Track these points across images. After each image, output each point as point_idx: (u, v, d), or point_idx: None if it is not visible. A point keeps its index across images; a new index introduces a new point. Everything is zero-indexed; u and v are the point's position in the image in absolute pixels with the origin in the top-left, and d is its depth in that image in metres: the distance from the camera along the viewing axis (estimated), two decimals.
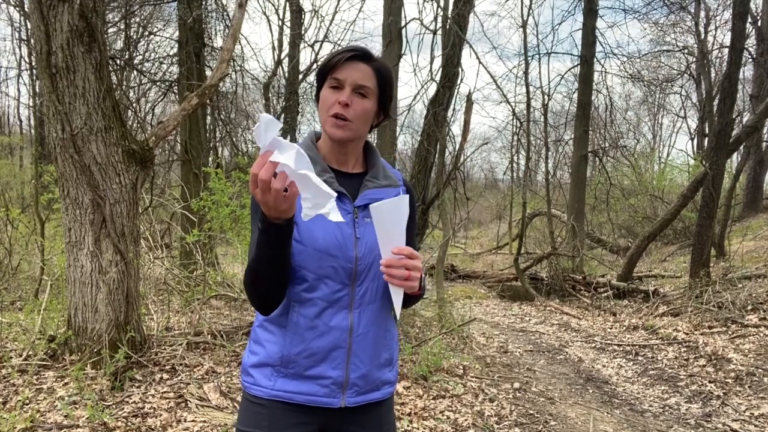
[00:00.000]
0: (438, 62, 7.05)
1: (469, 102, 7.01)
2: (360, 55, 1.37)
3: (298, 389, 1.38)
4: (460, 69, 6.58)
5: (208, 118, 11.11)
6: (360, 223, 1.39)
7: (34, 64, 11.16)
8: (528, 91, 11.99)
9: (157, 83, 10.59)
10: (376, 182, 1.44)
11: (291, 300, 1.37)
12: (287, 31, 13.45)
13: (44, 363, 3.77)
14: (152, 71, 11.12)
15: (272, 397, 1.39)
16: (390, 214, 1.25)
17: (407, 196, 1.28)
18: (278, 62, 13.94)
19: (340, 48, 1.41)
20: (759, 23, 13.68)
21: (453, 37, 6.49)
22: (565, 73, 14.31)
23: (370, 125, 1.44)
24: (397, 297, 1.33)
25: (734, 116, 8.19)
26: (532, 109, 13.33)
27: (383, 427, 1.50)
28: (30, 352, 3.86)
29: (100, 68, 3.62)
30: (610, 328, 7.39)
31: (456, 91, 6.69)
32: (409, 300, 1.42)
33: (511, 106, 10.20)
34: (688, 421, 4.13)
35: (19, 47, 17.92)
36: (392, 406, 1.56)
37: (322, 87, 1.40)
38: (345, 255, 1.35)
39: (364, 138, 1.46)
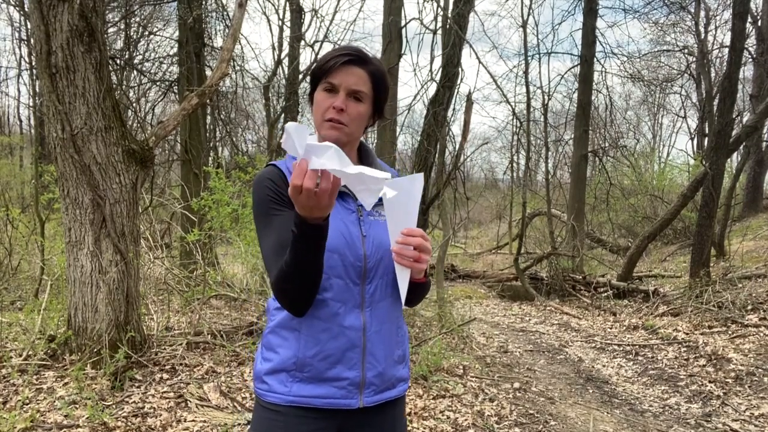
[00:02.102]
0: (438, 62, 7.05)
1: (469, 102, 7.01)
2: (355, 59, 1.35)
3: (315, 393, 1.36)
4: (460, 69, 6.59)
5: (208, 118, 11.13)
6: (365, 221, 1.40)
7: (34, 64, 11.16)
8: (528, 91, 12.00)
9: (157, 83, 10.59)
10: None
11: None
12: (287, 31, 13.44)
13: (44, 363, 3.77)
14: (152, 71, 11.13)
15: (289, 403, 1.36)
16: (403, 192, 1.24)
17: (421, 175, 1.25)
18: (278, 62, 13.94)
19: (334, 49, 1.40)
20: (759, 23, 13.68)
21: (453, 36, 6.49)
22: (565, 73, 14.33)
23: (365, 127, 1.44)
24: (403, 280, 1.31)
25: (734, 116, 8.19)
26: (532, 109, 13.34)
27: (397, 428, 1.50)
28: (30, 352, 3.86)
29: (100, 68, 3.62)
30: (610, 328, 7.39)
31: (456, 90, 6.70)
32: (416, 290, 1.41)
33: (511, 106, 10.20)
34: (688, 421, 4.13)
35: (19, 47, 17.93)
36: (404, 404, 1.56)
37: (316, 88, 1.40)
38: (354, 253, 1.35)
39: (358, 140, 1.47)
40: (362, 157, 1.52)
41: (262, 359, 1.44)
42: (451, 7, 7.32)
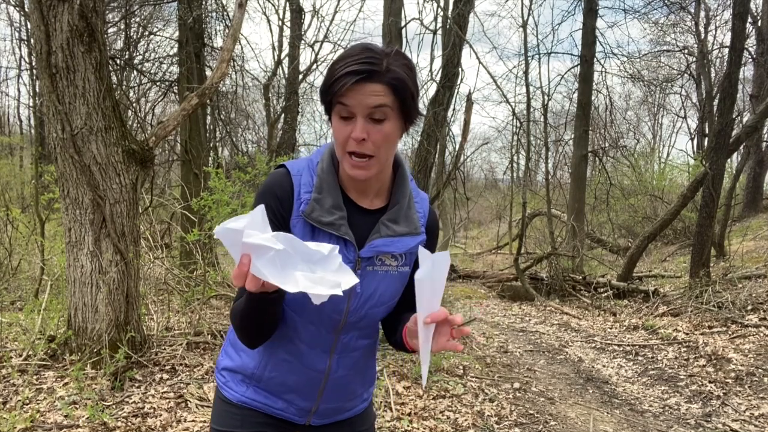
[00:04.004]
0: (438, 62, 7.05)
1: (469, 102, 7.02)
2: (366, 75, 1.10)
3: (267, 402, 1.37)
4: (460, 69, 6.59)
5: (208, 118, 11.12)
6: (362, 274, 1.23)
7: (34, 64, 11.16)
8: (528, 91, 11.99)
9: (157, 83, 10.59)
10: (391, 229, 1.24)
11: None
12: (287, 31, 13.45)
13: (44, 363, 3.76)
14: (152, 71, 11.12)
15: (242, 402, 1.37)
16: (432, 276, 1.09)
17: (447, 255, 1.10)
18: (278, 62, 13.94)
19: (342, 59, 1.13)
20: (759, 23, 13.68)
21: (453, 37, 6.49)
22: (565, 73, 14.37)
23: (398, 142, 1.23)
24: (425, 362, 1.16)
25: (734, 116, 8.19)
26: (532, 109, 13.35)
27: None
28: (30, 352, 3.86)
29: (100, 68, 3.62)
30: (610, 328, 7.38)
31: (456, 91, 6.70)
32: None
33: (511, 106, 10.21)
34: (688, 421, 4.13)
35: (19, 47, 17.94)
36: (369, 414, 1.51)
37: (332, 107, 1.16)
38: (334, 307, 1.22)
39: (391, 161, 1.26)
40: (395, 187, 1.29)
41: (225, 353, 1.42)
42: (451, 7, 7.32)
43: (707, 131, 17.07)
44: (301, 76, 13.08)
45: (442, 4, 8.09)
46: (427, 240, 1.31)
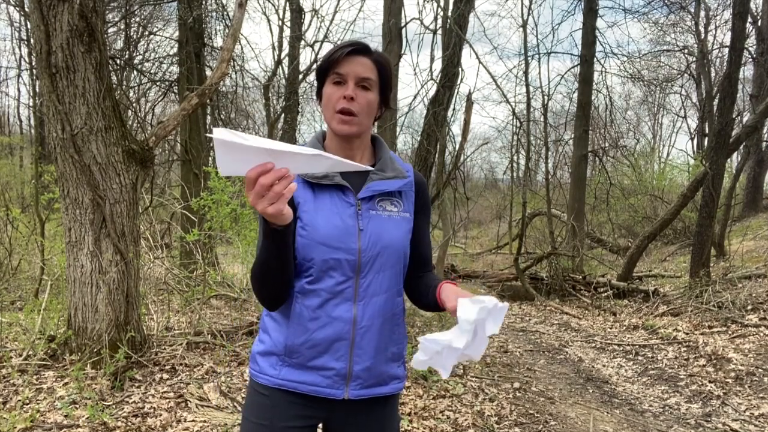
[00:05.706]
0: (438, 62, 7.05)
1: (469, 102, 7.02)
2: (360, 48, 1.38)
3: (302, 379, 1.39)
4: (460, 69, 6.58)
5: (208, 118, 11.12)
6: (364, 215, 1.39)
7: (34, 64, 11.16)
8: (528, 91, 11.97)
9: (157, 83, 10.59)
10: (381, 174, 1.44)
11: (295, 291, 1.39)
12: (287, 31, 13.46)
13: (44, 363, 3.77)
14: (152, 71, 11.13)
15: (276, 385, 1.41)
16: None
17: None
18: (278, 62, 13.95)
19: (339, 44, 1.42)
20: (759, 23, 13.68)
21: (453, 37, 6.49)
22: (565, 73, 14.31)
23: (374, 118, 1.46)
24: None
25: (734, 116, 8.19)
26: (532, 109, 13.32)
27: (386, 428, 1.49)
28: (30, 352, 3.86)
29: (100, 68, 3.62)
30: (610, 328, 7.38)
31: (456, 91, 6.69)
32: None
33: (511, 106, 10.20)
34: (688, 421, 4.13)
35: (19, 47, 17.93)
36: (397, 404, 1.55)
37: (324, 85, 1.41)
38: (347, 246, 1.36)
39: (369, 131, 1.47)
40: (376, 149, 1.52)
41: (258, 340, 1.49)
42: (451, 7, 7.32)
43: (707, 131, 17.08)
44: (301, 76, 13.08)
45: (442, 4, 8.09)
46: (418, 193, 1.50)
